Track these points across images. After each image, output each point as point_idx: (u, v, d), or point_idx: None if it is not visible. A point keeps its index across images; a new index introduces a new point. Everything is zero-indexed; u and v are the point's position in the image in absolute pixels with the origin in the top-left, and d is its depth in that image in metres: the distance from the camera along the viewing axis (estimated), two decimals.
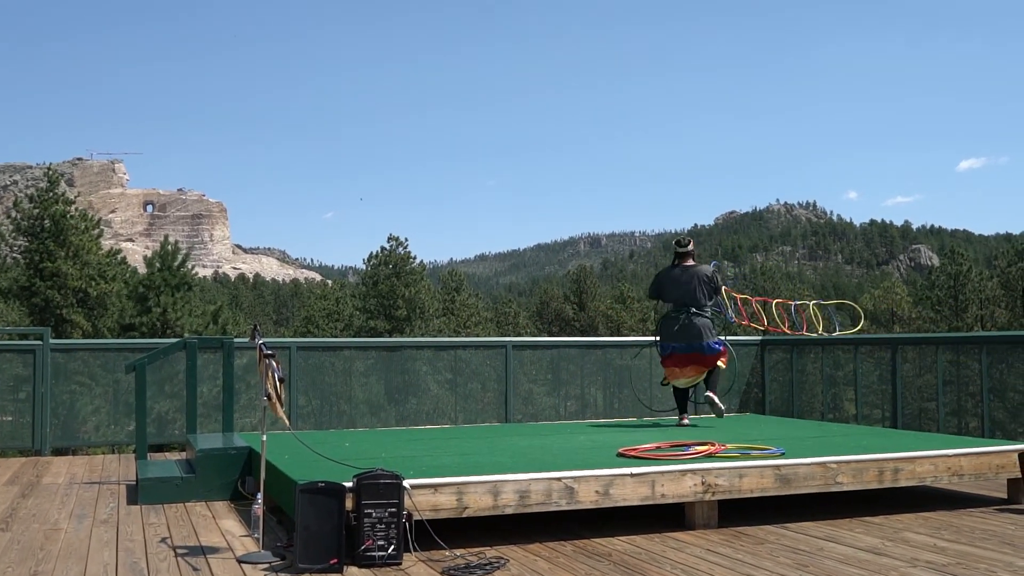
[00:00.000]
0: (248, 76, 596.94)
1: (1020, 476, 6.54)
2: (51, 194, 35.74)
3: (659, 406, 10.53)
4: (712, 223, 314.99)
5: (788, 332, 10.72)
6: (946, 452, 6.55)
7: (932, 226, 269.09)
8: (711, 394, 8.80)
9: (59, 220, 34.72)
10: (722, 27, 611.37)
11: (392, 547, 4.84)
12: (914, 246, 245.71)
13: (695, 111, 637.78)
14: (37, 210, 35.46)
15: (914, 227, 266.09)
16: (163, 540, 5.48)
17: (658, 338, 9.02)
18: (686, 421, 8.82)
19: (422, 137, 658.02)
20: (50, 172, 36.89)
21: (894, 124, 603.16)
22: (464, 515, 5.37)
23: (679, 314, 8.77)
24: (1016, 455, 6.57)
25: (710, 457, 6.26)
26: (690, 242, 9.14)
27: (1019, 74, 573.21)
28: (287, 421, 5.10)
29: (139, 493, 6.77)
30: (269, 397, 4.96)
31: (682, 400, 9.00)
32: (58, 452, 9.98)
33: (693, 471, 5.87)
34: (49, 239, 34.50)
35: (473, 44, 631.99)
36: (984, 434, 8.87)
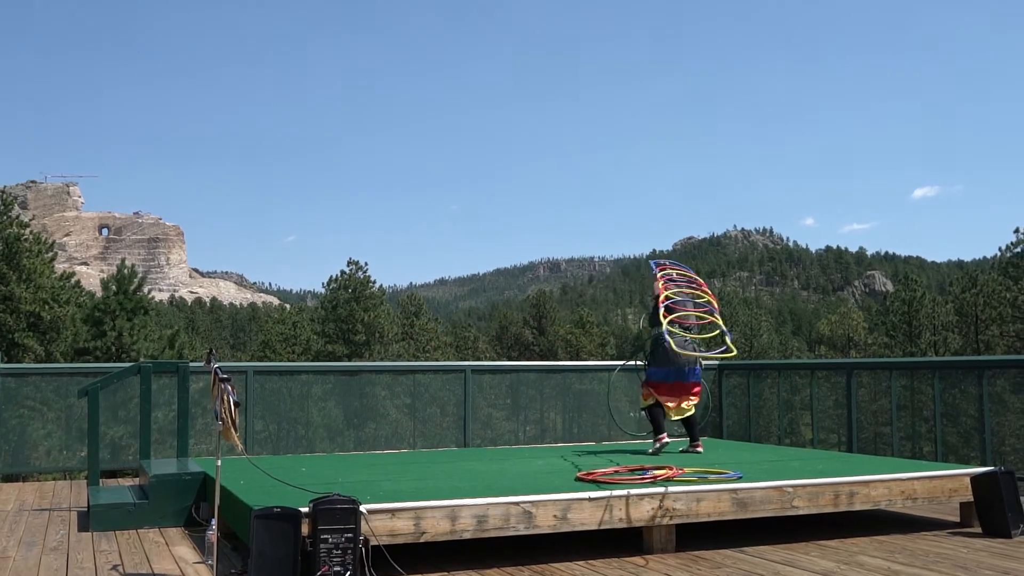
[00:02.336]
0: (206, 99, 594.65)
1: (972, 500, 6.62)
2: (4, 217, 35.23)
3: (630, 428, 10.56)
4: (671, 248, 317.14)
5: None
6: (900, 476, 6.62)
7: (887, 252, 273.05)
8: (699, 446, 8.47)
9: (12, 243, 34.22)
10: (679, 54, 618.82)
11: (348, 573, 4.80)
12: (869, 272, 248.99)
13: (653, 137, 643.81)
14: None
15: (869, 254, 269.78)
16: (114, 567, 5.39)
17: (643, 363, 8.58)
18: (666, 439, 8.33)
19: (383, 161, 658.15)
20: (3, 195, 36.37)
21: (851, 152, 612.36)
22: (422, 540, 5.34)
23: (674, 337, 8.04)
24: (968, 479, 6.65)
25: (668, 481, 6.27)
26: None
27: (975, 105, 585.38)
28: (241, 446, 5.04)
29: (91, 520, 6.66)
30: (223, 421, 4.90)
31: (660, 419, 8.44)
32: (8, 478, 9.80)
33: (651, 495, 5.88)
34: (1, 262, 33.98)
35: (434, 70, 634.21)
36: (937, 458, 8.98)
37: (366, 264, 48.40)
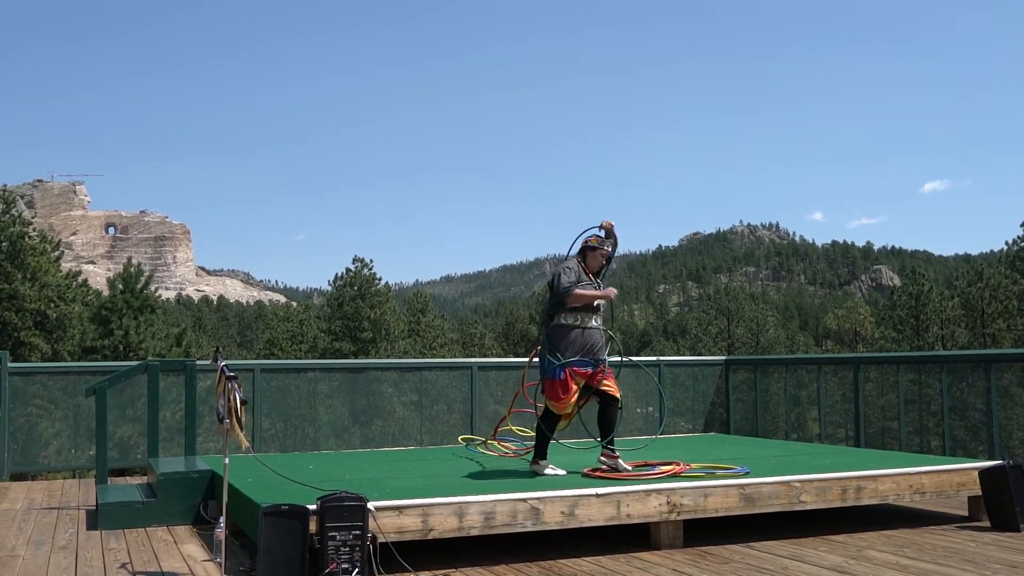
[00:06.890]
0: (212, 97, 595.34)
1: (980, 494, 6.61)
2: (7, 216, 35.26)
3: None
4: (677, 244, 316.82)
5: None
6: (908, 470, 6.61)
7: (893, 247, 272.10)
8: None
9: (16, 242, 34.26)
10: (686, 48, 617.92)
11: (356, 570, 4.81)
12: (875, 267, 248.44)
13: (659, 133, 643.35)
14: None
15: (876, 248, 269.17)
16: (123, 566, 5.40)
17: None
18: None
19: (389, 159, 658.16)
20: (6, 193, 36.36)
21: (860, 146, 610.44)
22: (429, 537, 5.35)
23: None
24: (976, 473, 6.64)
25: (675, 477, 6.28)
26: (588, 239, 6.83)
27: (984, 98, 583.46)
28: (246, 443, 5.05)
29: (99, 518, 6.68)
30: (222, 420, 4.90)
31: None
32: (16, 477, 9.83)
33: (658, 491, 5.88)
34: (6, 261, 34.01)
35: (440, 65, 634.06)
36: (945, 452, 8.96)
37: (372, 261, 48.43)
